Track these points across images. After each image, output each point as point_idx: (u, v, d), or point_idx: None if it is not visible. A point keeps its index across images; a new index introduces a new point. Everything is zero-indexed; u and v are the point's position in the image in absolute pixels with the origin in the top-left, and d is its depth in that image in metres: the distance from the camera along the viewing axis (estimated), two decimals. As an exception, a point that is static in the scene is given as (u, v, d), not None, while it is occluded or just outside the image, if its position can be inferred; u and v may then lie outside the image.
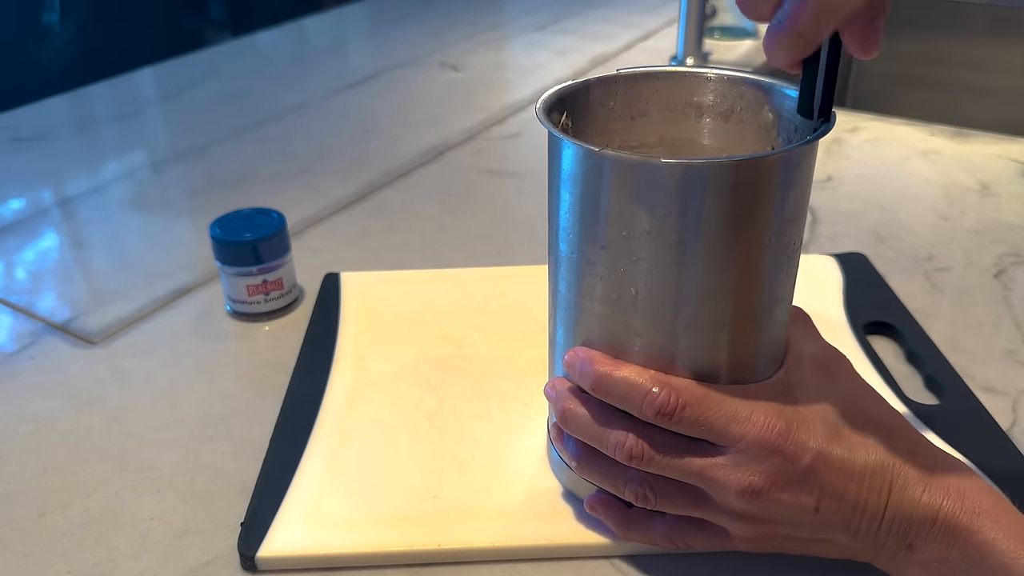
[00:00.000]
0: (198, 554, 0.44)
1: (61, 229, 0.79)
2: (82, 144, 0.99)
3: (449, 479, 0.47)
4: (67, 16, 1.36)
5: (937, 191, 0.80)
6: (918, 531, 0.36)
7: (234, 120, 1.02)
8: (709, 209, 0.35)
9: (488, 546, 0.43)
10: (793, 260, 0.39)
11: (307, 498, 0.45)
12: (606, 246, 0.37)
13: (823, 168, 0.85)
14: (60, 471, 0.50)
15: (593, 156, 0.36)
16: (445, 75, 1.16)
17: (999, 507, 0.36)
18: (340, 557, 0.43)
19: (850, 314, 0.60)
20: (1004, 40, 1.50)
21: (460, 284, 0.65)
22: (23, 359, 0.60)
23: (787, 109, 0.40)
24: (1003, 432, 0.49)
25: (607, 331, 0.39)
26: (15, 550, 0.45)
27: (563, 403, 0.41)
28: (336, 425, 0.51)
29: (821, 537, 0.38)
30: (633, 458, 0.38)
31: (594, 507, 0.42)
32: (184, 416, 0.54)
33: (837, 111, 0.37)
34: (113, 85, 1.16)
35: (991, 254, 0.70)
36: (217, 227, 0.61)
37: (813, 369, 0.40)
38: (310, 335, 0.59)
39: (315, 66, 1.23)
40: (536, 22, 1.39)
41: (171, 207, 0.82)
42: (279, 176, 0.87)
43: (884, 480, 0.37)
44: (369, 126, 1.00)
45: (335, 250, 0.73)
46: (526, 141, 0.94)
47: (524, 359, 0.56)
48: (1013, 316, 0.62)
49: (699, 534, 0.40)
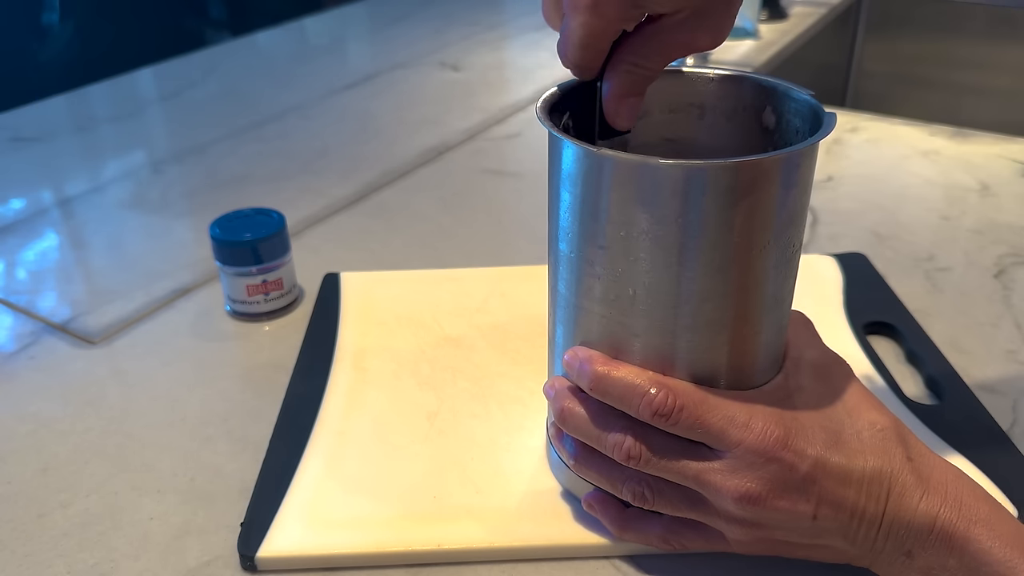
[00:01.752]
0: (198, 554, 0.44)
1: (61, 229, 0.79)
2: (82, 144, 0.99)
3: (449, 479, 0.47)
4: (67, 16, 1.36)
5: (937, 191, 0.80)
6: (916, 538, 0.36)
7: (234, 120, 1.02)
8: (708, 210, 0.35)
9: (488, 546, 0.43)
10: (793, 262, 0.39)
11: (307, 498, 0.45)
12: (605, 246, 0.37)
13: (823, 168, 0.85)
14: (60, 471, 0.50)
15: (592, 156, 0.36)
16: (444, 75, 1.16)
17: (996, 515, 0.36)
18: (340, 557, 0.43)
19: (850, 314, 0.60)
20: (1004, 40, 1.50)
21: (460, 284, 0.65)
22: (23, 359, 0.60)
23: (789, 110, 0.40)
24: (1003, 432, 0.49)
25: (606, 331, 0.39)
26: (15, 550, 0.45)
27: (561, 402, 0.41)
28: (336, 425, 0.51)
29: (819, 543, 0.38)
30: (631, 459, 0.38)
31: (591, 505, 0.42)
32: (184, 416, 0.54)
33: (837, 111, 0.37)
34: (113, 85, 1.16)
35: (991, 254, 0.70)
36: (217, 227, 0.61)
37: (812, 375, 0.40)
38: (310, 335, 0.59)
39: (315, 66, 1.23)
40: (536, 22, 1.39)
41: (171, 207, 0.82)
42: (279, 176, 0.87)
43: (882, 487, 0.36)
44: (369, 126, 1.00)
45: (335, 250, 0.73)
46: (526, 141, 0.94)
47: (524, 359, 0.56)
48: (1013, 316, 0.62)
49: (695, 536, 0.40)
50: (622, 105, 0.38)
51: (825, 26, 1.41)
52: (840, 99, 1.62)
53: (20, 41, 1.33)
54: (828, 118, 0.37)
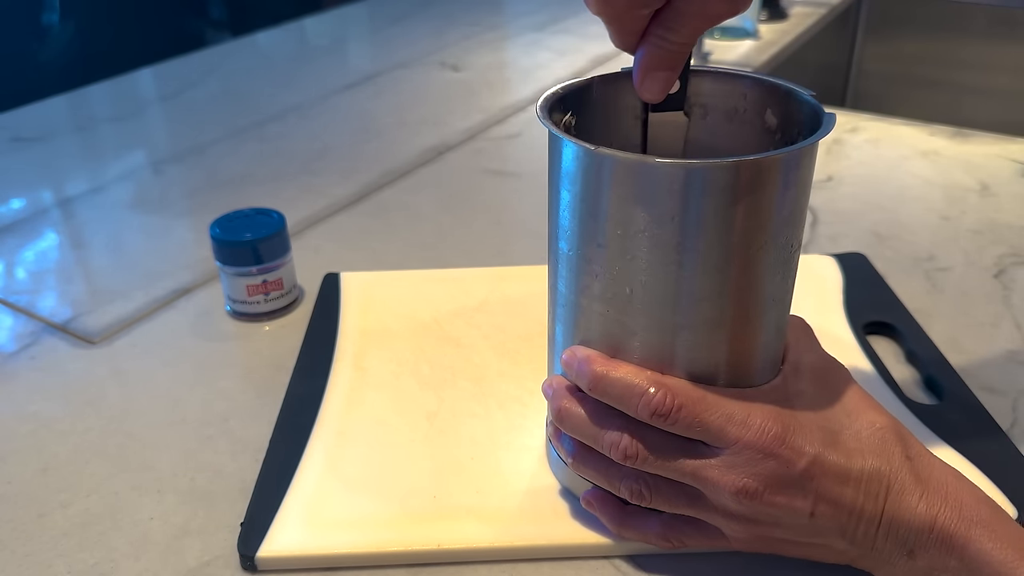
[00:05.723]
0: (198, 554, 0.44)
1: (61, 229, 0.79)
2: (82, 144, 0.99)
3: (449, 479, 0.47)
4: (67, 16, 1.36)
5: (937, 191, 0.80)
6: (916, 538, 0.36)
7: (234, 120, 1.02)
8: (706, 209, 0.35)
9: (488, 546, 0.43)
10: (791, 262, 0.39)
11: (307, 498, 0.45)
12: (603, 244, 0.37)
13: (823, 168, 0.85)
14: (60, 471, 0.50)
15: (591, 155, 0.36)
16: (445, 75, 1.16)
17: (996, 517, 0.36)
18: (340, 557, 0.43)
19: (850, 314, 0.60)
20: (1004, 40, 1.50)
21: (460, 284, 0.65)
22: (23, 359, 0.60)
23: (790, 110, 0.40)
24: (1003, 432, 0.49)
25: (605, 330, 0.39)
26: (15, 550, 0.45)
27: (559, 401, 0.41)
28: (336, 425, 0.51)
29: (817, 542, 0.38)
30: (628, 457, 0.38)
31: (590, 503, 0.42)
32: (184, 416, 0.54)
33: (837, 111, 0.37)
34: (113, 85, 1.16)
35: (991, 254, 0.70)
36: (217, 227, 0.61)
37: (811, 379, 0.40)
38: (310, 335, 0.59)
39: (315, 66, 1.23)
40: (536, 22, 1.39)
41: (171, 207, 0.82)
42: (279, 176, 0.87)
43: (881, 486, 0.36)
44: (369, 126, 1.00)
45: (335, 250, 0.73)
46: (526, 141, 0.94)
47: (524, 359, 0.56)
48: (1013, 316, 0.62)
49: (694, 533, 0.40)
50: (647, 78, 0.37)
51: (825, 26, 1.41)
52: (840, 99, 1.62)
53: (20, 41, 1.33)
54: (827, 118, 0.37)
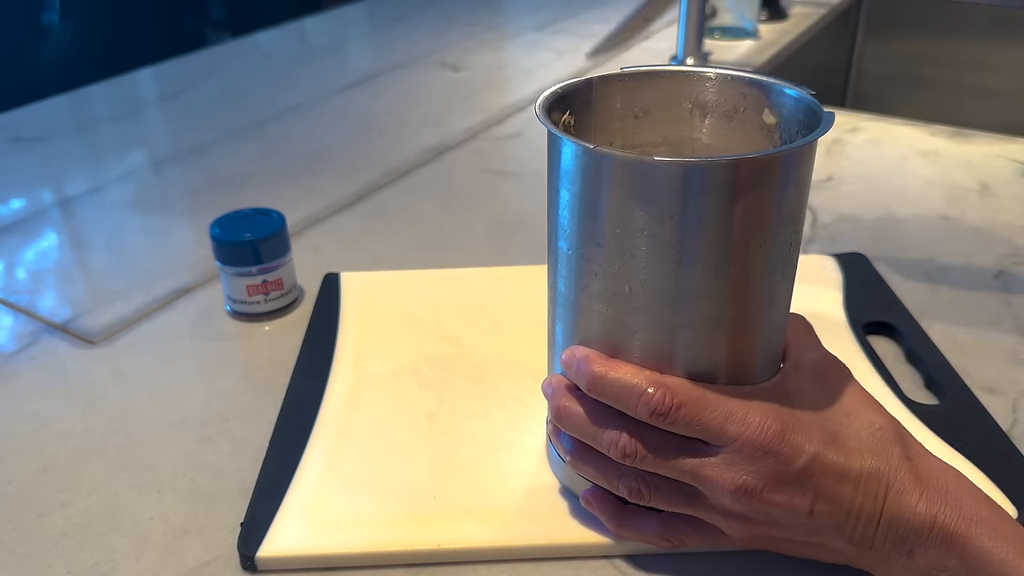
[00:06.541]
0: (198, 554, 0.44)
1: (61, 229, 0.79)
2: (82, 144, 0.99)
3: (449, 479, 0.47)
4: (67, 16, 1.36)
5: (937, 191, 0.80)
6: (916, 537, 0.36)
7: (234, 120, 1.02)
8: (705, 208, 0.35)
9: (488, 546, 0.43)
10: (791, 260, 0.39)
11: (307, 498, 0.45)
12: (603, 243, 0.37)
13: (823, 168, 0.85)
14: (60, 471, 0.50)
15: (590, 154, 0.36)
16: (445, 75, 1.16)
17: (996, 516, 0.36)
18: (340, 557, 0.43)
19: (850, 314, 0.60)
20: (1004, 40, 1.50)
21: (460, 284, 0.65)
22: (23, 359, 0.60)
23: (789, 109, 0.40)
24: (1003, 432, 0.49)
25: (604, 329, 0.39)
26: (15, 550, 0.45)
27: (558, 400, 0.41)
28: (336, 425, 0.51)
29: (816, 540, 0.38)
30: (626, 456, 0.38)
31: (589, 502, 0.42)
32: (184, 416, 0.54)
33: (837, 111, 0.37)
34: (113, 85, 1.16)
35: (991, 254, 0.70)
36: (217, 227, 0.61)
37: (811, 377, 0.40)
38: (310, 335, 0.59)
39: (315, 66, 1.23)
40: (536, 22, 1.39)
41: (171, 207, 0.82)
42: (279, 176, 0.87)
43: (880, 485, 0.36)
44: (369, 126, 1.00)
45: (335, 250, 0.73)
46: (526, 141, 0.94)
47: (524, 359, 0.56)
48: (1013, 316, 0.62)
49: (693, 531, 0.40)
50: None
51: (825, 26, 1.41)
52: (840, 99, 1.62)
53: (20, 41, 1.33)
54: (826, 117, 0.37)
